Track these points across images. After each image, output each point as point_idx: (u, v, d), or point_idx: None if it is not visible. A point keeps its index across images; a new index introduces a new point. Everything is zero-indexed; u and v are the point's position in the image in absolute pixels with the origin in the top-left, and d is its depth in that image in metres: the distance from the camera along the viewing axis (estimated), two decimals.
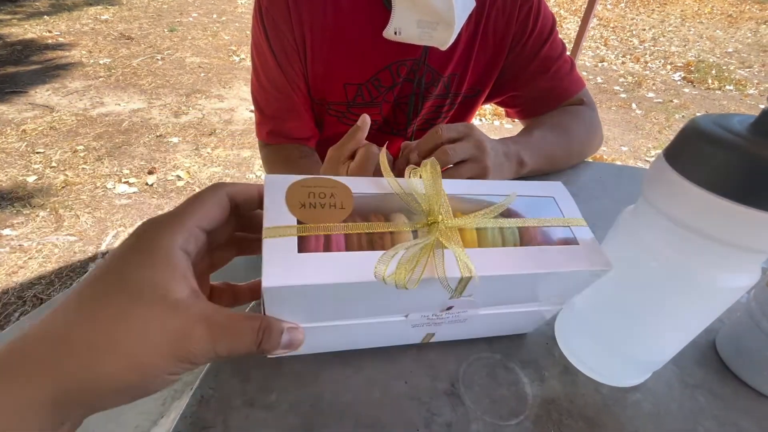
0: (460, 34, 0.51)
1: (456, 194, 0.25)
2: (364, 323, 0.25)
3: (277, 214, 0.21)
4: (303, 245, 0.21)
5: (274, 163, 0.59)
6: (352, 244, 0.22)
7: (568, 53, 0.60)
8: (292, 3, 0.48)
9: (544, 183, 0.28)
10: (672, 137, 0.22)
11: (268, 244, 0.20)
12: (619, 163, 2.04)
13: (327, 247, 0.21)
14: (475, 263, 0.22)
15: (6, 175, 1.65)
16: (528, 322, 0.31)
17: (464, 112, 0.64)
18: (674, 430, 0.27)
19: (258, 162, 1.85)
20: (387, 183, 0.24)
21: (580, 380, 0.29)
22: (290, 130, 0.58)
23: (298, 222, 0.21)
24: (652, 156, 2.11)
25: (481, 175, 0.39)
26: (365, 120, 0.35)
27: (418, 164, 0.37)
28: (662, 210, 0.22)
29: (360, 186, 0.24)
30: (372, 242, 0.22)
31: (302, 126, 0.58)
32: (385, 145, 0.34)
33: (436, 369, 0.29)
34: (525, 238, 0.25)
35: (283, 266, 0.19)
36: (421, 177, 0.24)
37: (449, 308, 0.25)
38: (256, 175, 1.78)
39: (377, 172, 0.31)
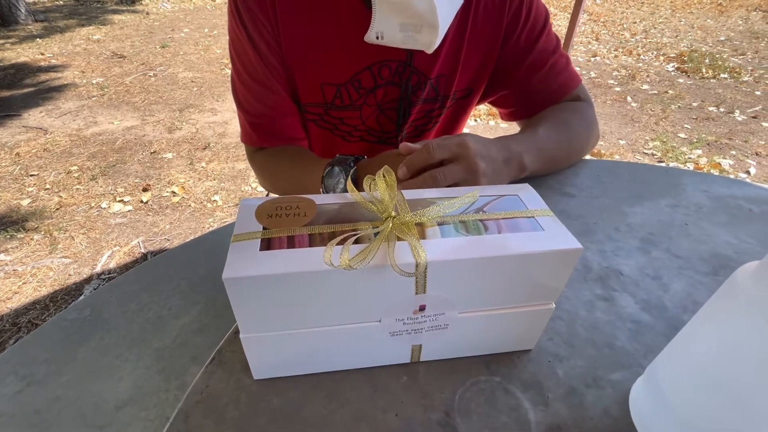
0: (445, 33, 0.50)
1: (416, 198, 0.27)
2: (337, 330, 0.25)
3: (245, 225, 0.24)
4: (269, 247, 0.23)
5: (276, 163, 0.53)
6: (315, 243, 0.23)
7: None
8: None
9: (509, 186, 0.29)
10: (669, 128, 0.19)
11: (233, 247, 0.22)
12: (617, 157, 2.02)
13: (291, 247, 0.23)
14: (433, 251, 0.22)
15: (0, 200, 1.64)
16: (522, 331, 0.28)
17: (456, 115, 0.62)
18: None
19: (253, 174, 1.84)
20: (350, 196, 0.26)
21: (588, 402, 0.27)
22: (282, 127, 0.53)
23: (264, 229, 0.24)
24: (650, 148, 2.08)
25: None
26: None
27: (405, 179, 0.36)
28: None
29: (325, 199, 0.26)
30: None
31: (294, 123, 0.54)
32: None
33: (430, 397, 0.27)
34: (490, 232, 0.25)
35: (243, 261, 0.21)
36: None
37: (422, 308, 0.25)
38: (252, 187, 1.76)
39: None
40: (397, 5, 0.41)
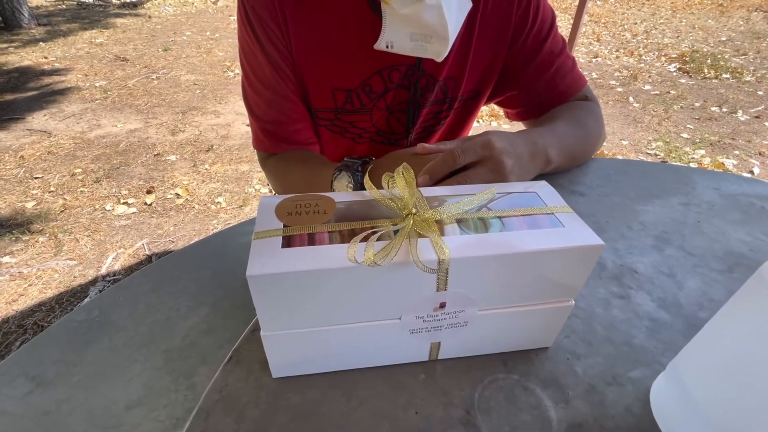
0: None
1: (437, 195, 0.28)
2: (358, 328, 0.25)
3: (266, 222, 0.24)
4: (289, 244, 0.23)
5: (286, 168, 0.53)
6: (335, 241, 0.23)
7: None
8: (277, 1, 0.46)
9: (526, 182, 0.29)
10: (672, 128, 0.18)
11: (255, 244, 0.22)
12: (620, 157, 2.02)
13: (311, 245, 0.23)
14: (455, 248, 0.22)
15: (5, 202, 1.64)
16: (542, 328, 0.28)
17: (463, 116, 0.62)
18: None
19: (257, 175, 1.84)
20: (369, 194, 0.26)
21: (609, 399, 0.27)
22: (294, 133, 0.53)
23: (285, 226, 0.24)
24: (653, 149, 2.08)
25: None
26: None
27: (427, 186, 0.36)
28: None
29: (343, 197, 0.26)
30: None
31: (305, 128, 0.55)
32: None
33: (449, 395, 0.26)
34: (510, 229, 0.25)
35: (266, 259, 0.21)
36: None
37: (443, 305, 0.25)
38: (255, 189, 1.76)
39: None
40: (407, 17, 0.41)
